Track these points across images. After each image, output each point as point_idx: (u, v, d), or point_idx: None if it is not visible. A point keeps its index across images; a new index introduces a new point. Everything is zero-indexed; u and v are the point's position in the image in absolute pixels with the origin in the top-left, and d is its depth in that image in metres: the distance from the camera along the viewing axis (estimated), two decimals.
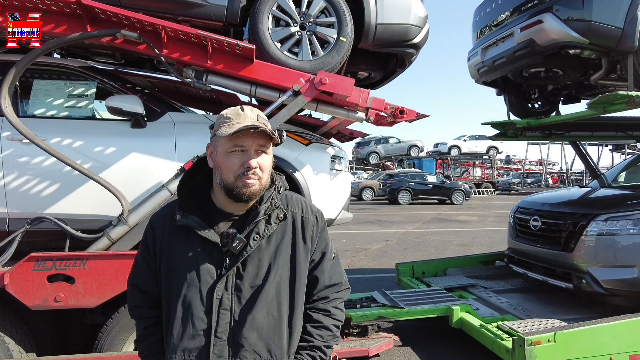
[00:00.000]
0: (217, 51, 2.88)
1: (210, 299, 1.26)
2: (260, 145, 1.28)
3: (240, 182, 1.26)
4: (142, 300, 1.42)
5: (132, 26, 2.76)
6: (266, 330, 1.28)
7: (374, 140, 27.83)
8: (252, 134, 1.26)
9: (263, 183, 1.30)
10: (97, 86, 3.26)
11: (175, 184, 2.77)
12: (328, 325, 1.40)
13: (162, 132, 3.13)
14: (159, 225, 1.37)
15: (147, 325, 1.40)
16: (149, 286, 1.39)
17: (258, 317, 1.28)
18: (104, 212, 2.94)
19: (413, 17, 3.44)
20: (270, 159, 1.33)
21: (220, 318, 1.26)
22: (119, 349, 2.77)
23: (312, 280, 1.41)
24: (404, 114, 3.19)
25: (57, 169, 2.91)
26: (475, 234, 11.40)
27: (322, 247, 1.42)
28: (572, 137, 5.98)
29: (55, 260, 2.61)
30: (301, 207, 1.41)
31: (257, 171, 1.27)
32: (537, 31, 4.02)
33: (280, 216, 1.34)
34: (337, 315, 1.43)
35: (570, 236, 4.19)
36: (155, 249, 1.36)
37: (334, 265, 1.45)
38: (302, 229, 1.38)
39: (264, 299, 1.29)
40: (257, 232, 1.30)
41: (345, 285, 1.48)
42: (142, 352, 1.41)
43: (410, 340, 4.30)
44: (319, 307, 1.40)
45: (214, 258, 1.29)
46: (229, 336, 1.26)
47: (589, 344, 3.31)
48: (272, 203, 1.33)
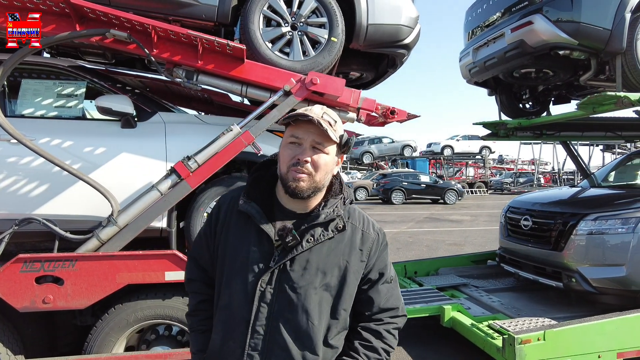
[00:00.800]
0: (207, 51, 2.87)
1: (254, 290, 1.26)
2: (317, 142, 1.26)
3: (290, 175, 1.26)
4: (198, 275, 1.44)
5: (121, 26, 2.73)
6: (304, 334, 1.26)
7: (367, 140, 27.88)
8: (309, 129, 1.26)
9: (316, 181, 1.27)
10: (87, 86, 3.23)
11: (165, 185, 2.76)
12: (377, 347, 1.34)
13: (152, 132, 3.11)
14: (225, 206, 1.38)
15: (200, 301, 1.42)
16: (207, 263, 1.41)
17: (297, 319, 1.26)
18: (94, 213, 2.91)
19: (404, 17, 3.45)
20: (327, 160, 1.28)
21: (260, 311, 1.25)
22: (109, 350, 2.75)
23: (366, 299, 1.37)
24: (394, 115, 3.20)
25: (46, 169, 2.88)
26: (467, 234, 11.46)
27: (380, 267, 1.38)
28: (563, 137, 6.03)
29: (43, 261, 2.59)
30: (362, 221, 1.38)
31: (307, 166, 1.25)
32: (528, 32, 4.06)
33: (339, 226, 1.31)
34: (389, 339, 1.37)
35: (561, 235, 4.23)
36: (217, 229, 1.37)
37: (391, 288, 1.40)
38: (360, 243, 1.34)
39: (305, 302, 1.26)
40: (313, 234, 1.28)
41: (403, 312, 1.42)
42: (191, 327, 1.42)
43: (402, 339, 4.27)
44: (370, 327, 1.36)
45: (266, 249, 1.29)
46: (266, 331, 1.25)
47: (578, 342, 3.35)
48: (334, 210, 1.31)
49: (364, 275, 1.36)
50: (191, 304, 1.45)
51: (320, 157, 1.28)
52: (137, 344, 2.95)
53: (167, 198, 2.73)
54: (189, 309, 1.46)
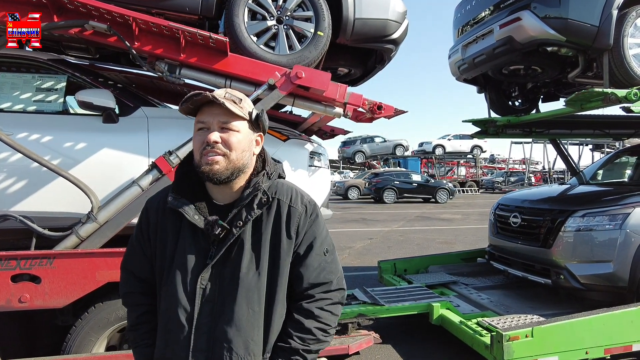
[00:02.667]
0: (190, 44, 2.81)
1: (194, 289, 1.21)
2: (222, 122, 1.23)
3: (203, 159, 1.22)
4: (135, 286, 1.36)
5: (101, 17, 2.67)
6: (245, 324, 1.21)
7: (359, 140, 27.89)
8: (212, 110, 1.23)
9: (232, 161, 1.23)
10: (68, 80, 3.15)
11: (147, 180, 2.70)
12: (310, 327, 1.27)
13: (134, 127, 3.04)
14: (153, 208, 1.33)
15: (141, 313, 1.34)
16: (143, 271, 1.34)
17: (238, 310, 1.21)
18: (74, 210, 2.84)
19: (392, 12, 3.42)
20: (240, 138, 1.24)
21: (202, 309, 1.21)
22: (89, 350, 2.68)
23: (296, 275, 1.30)
24: (382, 110, 3.17)
25: (24, 164, 2.80)
26: (458, 232, 11.48)
27: (309, 240, 1.31)
28: (552, 135, 6.05)
29: (19, 259, 2.51)
30: (290, 195, 1.32)
31: (219, 146, 1.21)
32: (516, 28, 4.04)
33: (263, 200, 1.26)
34: (323, 317, 1.29)
35: (549, 232, 4.23)
36: (150, 233, 1.31)
37: (324, 261, 1.32)
38: (287, 218, 1.29)
39: (244, 291, 1.22)
40: (239, 217, 1.24)
41: (338, 286, 1.35)
42: (135, 342, 1.34)
43: (391, 337, 4.28)
44: (302, 306, 1.30)
45: (201, 246, 1.24)
46: (210, 329, 1.21)
47: (566, 338, 3.34)
48: (255, 187, 1.27)
49: (294, 251, 1.31)
50: (131, 318, 1.37)
51: (231, 135, 1.24)
52: (118, 344, 2.89)
53: (148, 194, 2.66)
54: (129, 324, 1.37)
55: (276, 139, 3.26)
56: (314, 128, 4.38)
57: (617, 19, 3.80)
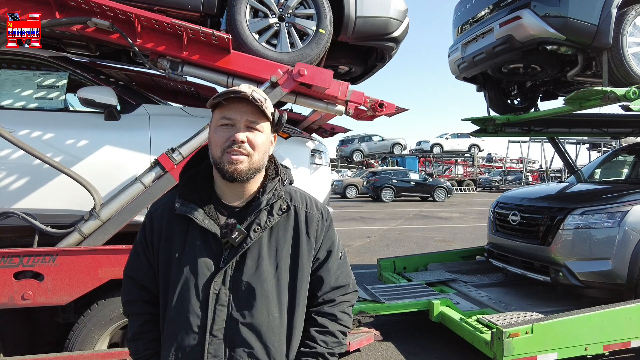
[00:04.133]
0: (192, 41, 2.81)
1: (207, 294, 1.19)
2: (250, 120, 1.21)
3: (226, 158, 1.20)
4: (138, 294, 1.32)
5: (104, 14, 2.66)
6: (266, 330, 1.20)
7: (357, 138, 27.92)
8: (241, 107, 1.20)
9: (254, 162, 1.22)
10: (70, 77, 3.15)
11: (149, 177, 2.70)
12: (334, 331, 1.30)
13: (136, 124, 3.05)
14: (157, 214, 1.30)
15: (143, 322, 1.30)
16: (146, 279, 1.31)
17: (257, 316, 1.20)
18: (77, 207, 2.83)
19: (393, 10, 3.43)
20: (264, 138, 1.23)
21: (217, 315, 1.18)
22: (92, 347, 2.68)
23: (316, 280, 1.32)
24: (383, 108, 3.18)
25: (26, 162, 2.80)
26: (456, 230, 11.52)
27: (328, 245, 1.34)
28: (550, 134, 6.08)
29: (22, 256, 2.51)
30: (305, 202, 1.34)
31: (245, 146, 1.19)
32: (516, 27, 4.06)
33: (283, 207, 1.27)
34: (344, 320, 1.33)
35: (548, 230, 4.26)
36: (153, 240, 1.28)
37: (340, 265, 1.36)
38: (306, 224, 1.30)
39: (264, 296, 1.21)
40: (258, 223, 1.23)
41: (353, 288, 1.39)
42: (136, 352, 1.30)
43: (392, 334, 4.30)
44: (324, 310, 1.31)
45: (213, 250, 1.22)
46: (225, 335, 1.18)
47: (565, 334, 3.37)
48: (275, 194, 1.26)
49: (314, 256, 1.32)
50: (133, 328, 1.32)
51: (257, 135, 1.22)
52: (121, 341, 2.89)
53: (151, 191, 2.67)
54: (130, 335, 1.33)
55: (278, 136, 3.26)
56: (315, 126, 4.39)
57: (617, 17, 3.83)
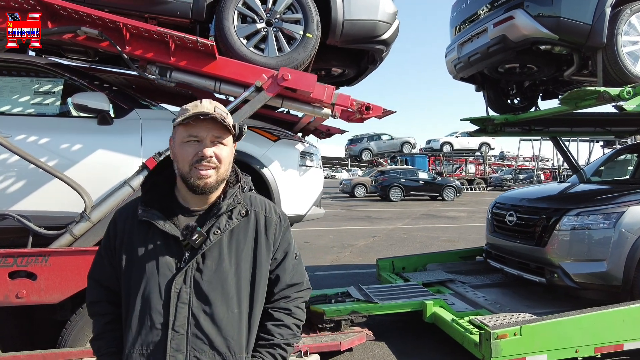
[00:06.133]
0: (179, 48, 2.88)
1: (169, 293, 1.26)
2: (216, 136, 1.29)
3: (195, 173, 1.27)
4: (101, 295, 1.40)
5: (93, 23, 2.75)
6: (225, 325, 1.28)
7: (366, 137, 27.87)
8: (206, 125, 1.27)
9: (220, 174, 1.31)
10: (65, 83, 3.25)
11: (137, 181, 2.78)
12: (289, 324, 1.40)
13: (128, 129, 3.13)
14: (121, 219, 1.39)
15: (106, 322, 1.38)
16: (110, 280, 1.38)
17: (217, 312, 1.28)
18: (69, 209, 2.93)
19: (381, 13, 3.46)
20: (228, 151, 1.32)
21: (178, 312, 1.25)
22: (84, 344, 2.78)
23: (274, 278, 1.41)
24: (369, 110, 3.21)
25: (23, 165, 2.90)
26: (463, 230, 11.46)
27: (284, 247, 1.43)
28: (552, 133, 6.02)
29: (16, 256, 2.61)
30: (264, 207, 1.43)
31: (212, 160, 1.28)
32: (509, 27, 4.05)
33: (242, 212, 1.36)
34: (298, 314, 1.44)
35: (544, 231, 4.23)
36: (116, 243, 1.36)
37: (296, 265, 1.46)
38: (265, 227, 1.39)
39: (224, 294, 1.29)
40: (218, 226, 1.31)
41: (307, 286, 1.49)
42: (99, 350, 1.37)
43: (385, 335, 4.33)
44: (280, 305, 1.41)
45: (174, 252, 1.30)
46: (187, 330, 1.26)
47: (555, 336, 3.35)
48: (234, 199, 1.34)
49: (272, 256, 1.41)
50: (96, 328, 1.39)
51: (222, 149, 1.31)
52: None
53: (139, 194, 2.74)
54: (94, 334, 1.40)
55: (267, 139, 3.33)
56: (310, 127, 4.44)
57: (611, 17, 3.79)
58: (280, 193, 3.26)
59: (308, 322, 4.00)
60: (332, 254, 8.32)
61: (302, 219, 3.51)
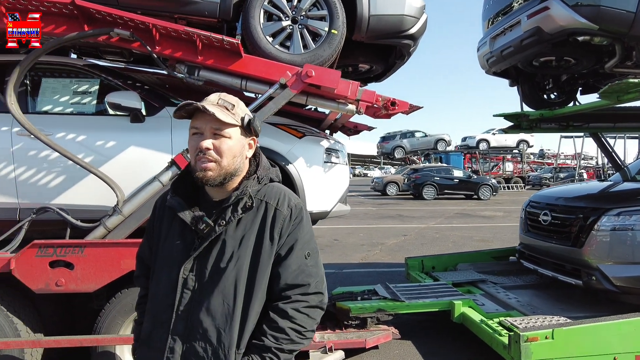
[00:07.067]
0: (206, 47, 2.96)
1: (177, 278, 1.32)
2: (215, 128, 1.28)
3: (198, 165, 1.29)
4: (142, 271, 1.53)
5: (125, 25, 2.86)
6: (220, 316, 1.29)
7: (399, 135, 27.47)
8: (205, 117, 1.28)
9: (224, 167, 1.30)
10: (101, 83, 3.41)
11: (167, 176, 2.88)
12: (284, 327, 1.30)
13: (159, 126, 3.25)
14: (159, 204, 1.48)
15: (143, 295, 1.52)
16: (148, 258, 1.49)
17: (214, 302, 1.29)
18: (103, 203, 3.07)
19: (408, 7, 3.40)
20: (231, 144, 1.30)
21: (183, 297, 1.31)
22: (116, 331, 2.91)
23: (274, 275, 1.34)
24: (395, 106, 3.17)
25: (62, 161, 3.08)
26: (497, 230, 11.11)
27: (290, 243, 1.35)
28: (592, 129, 5.73)
29: (56, 247, 2.77)
30: (277, 198, 1.37)
31: (210, 153, 1.27)
32: (544, 18, 3.88)
33: (247, 204, 1.33)
34: (298, 319, 1.31)
35: (581, 231, 4.04)
36: (154, 225, 1.46)
37: (304, 264, 1.35)
38: (272, 220, 1.34)
39: (221, 285, 1.30)
40: (223, 217, 1.31)
41: (316, 289, 1.36)
42: (135, 319, 1.55)
43: (411, 334, 4.27)
44: (277, 306, 1.32)
45: (188, 239, 1.34)
46: (187, 316, 1.30)
47: (591, 342, 3.20)
48: (243, 190, 1.33)
49: (276, 252, 1.35)
50: (138, 297, 1.56)
51: (222, 142, 1.30)
52: None
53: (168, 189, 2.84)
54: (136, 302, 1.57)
55: (292, 136, 3.36)
56: (338, 124, 4.43)
57: None
58: (305, 189, 3.28)
59: (334, 318, 4.01)
60: (361, 252, 8.29)
61: (327, 216, 3.52)
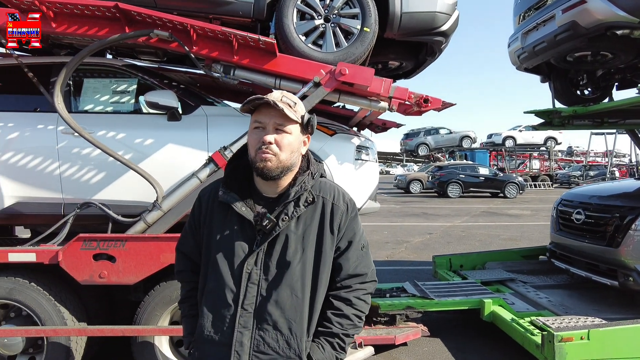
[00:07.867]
0: (242, 46, 3.02)
1: (240, 272, 1.37)
2: (278, 123, 1.35)
3: (258, 157, 1.35)
4: (185, 265, 1.56)
5: (164, 26, 2.95)
6: (289, 308, 1.36)
7: (423, 132, 27.13)
8: (270, 112, 1.35)
9: (282, 160, 1.35)
10: (138, 83, 3.53)
11: (204, 173, 2.97)
12: (348, 314, 1.42)
13: (195, 124, 3.34)
14: (205, 198, 1.50)
15: (190, 289, 1.54)
16: (193, 253, 1.53)
17: (282, 294, 1.36)
18: (143, 199, 3.19)
19: (440, 4, 3.38)
20: (291, 139, 1.37)
21: (248, 291, 1.36)
22: (155, 323, 3.02)
23: (336, 267, 1.44)
24: (428, 103, 3.17)
25: (104, 158, 3.20)
26: (525, 228, 10.90)
27: (349, 236, 1.45)
28: (628, 125, 5.56)
29: (99, 241, 2.90)
30: (333, 194, 1.46)
31: (272, 147, 1.34)
32: (580, 12, 3.78)
33: (309, 199, 1.40)
34: (359, 305, 1.45)
35: (617, 231, 3.95)
36: (200, 220, 1.49)
37: (361, 255, 1.47)
38: (330, 215, 1.42)
39: (288, 278, 1.36)
40: (286, 213, 1.37)
41: (372, 278, 1.50)
42: (184, 312, 1.56)
43: (441, 331, 4.27)
44: (341, 295, 1.44)
45: (248, 235, 1.39)
46: (255, 309, 1.35)
47: (629, 344, 3.15)
48: (302, 187, 1.39)
49: (336, 245, 1.44)
50: (182, 293, 1.58)
51: (284, 137, 1.36)
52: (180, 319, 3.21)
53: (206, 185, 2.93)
54: (180, 298, 1.59)
55: (323, 133, 3.40)
56: (366, 122, 4.45)
57: None
58: None
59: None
60: (386, 250, 8.28)
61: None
